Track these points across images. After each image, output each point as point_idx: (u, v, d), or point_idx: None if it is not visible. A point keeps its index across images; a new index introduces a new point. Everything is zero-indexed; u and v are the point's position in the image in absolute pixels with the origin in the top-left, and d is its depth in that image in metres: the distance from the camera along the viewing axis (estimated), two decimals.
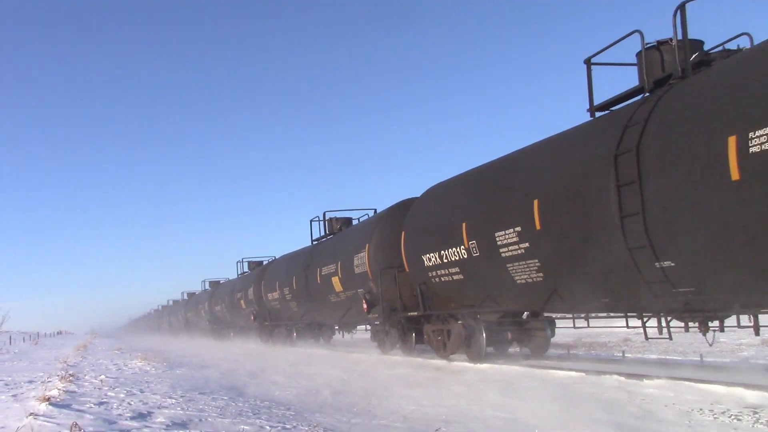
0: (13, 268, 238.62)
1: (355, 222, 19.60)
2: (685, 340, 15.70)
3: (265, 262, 29.67)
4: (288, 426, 6.35)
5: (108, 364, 15.75)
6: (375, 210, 18.71)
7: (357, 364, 13.64)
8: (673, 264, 7.79)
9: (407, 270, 14.12)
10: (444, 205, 12.97)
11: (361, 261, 15.96)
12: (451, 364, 12.35)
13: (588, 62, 9.48)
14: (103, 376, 11.70)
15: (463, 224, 11.60)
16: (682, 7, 8.30)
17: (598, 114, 9.58)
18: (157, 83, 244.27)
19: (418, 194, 15.04)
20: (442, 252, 12.40)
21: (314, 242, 21.12)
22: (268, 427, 6.26)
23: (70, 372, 12.48)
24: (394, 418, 6.90)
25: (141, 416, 6.91)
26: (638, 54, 8.93)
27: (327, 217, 20.31)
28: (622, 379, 9.03)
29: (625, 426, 6.15)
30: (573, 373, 9.87)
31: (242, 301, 29.25)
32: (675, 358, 11.66)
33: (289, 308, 22.82)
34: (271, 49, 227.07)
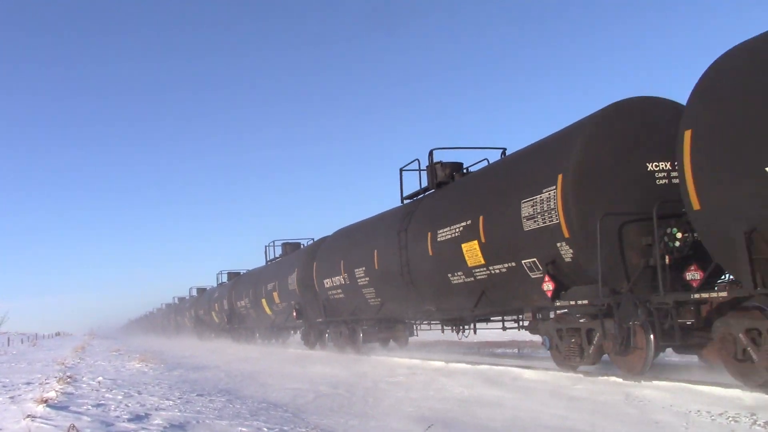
0: (13, 268, 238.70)
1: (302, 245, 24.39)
2: None
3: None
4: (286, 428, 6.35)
5: (106, 366, 15.74)
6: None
7: None
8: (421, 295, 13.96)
9: (316, 290, 19.58)
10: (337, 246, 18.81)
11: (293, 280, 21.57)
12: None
13: (401, 170, 15.27)
14: (101, 378, 11.68)
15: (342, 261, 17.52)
16: (431, 153, 14.33)
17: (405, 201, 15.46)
18: (158, 83, 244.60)
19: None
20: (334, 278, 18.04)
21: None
22: (265, 429, 6.27)
23: (68, 374, 12.46)
24: None
25: (138, 418, 6.90)
26: (427, 167, 14.49)
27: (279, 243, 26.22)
28: (620, 380, 9.03)
29: (623, 428, 6.15)
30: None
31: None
32: (673, 359, 11.64)
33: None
34: (271, 49, 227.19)
